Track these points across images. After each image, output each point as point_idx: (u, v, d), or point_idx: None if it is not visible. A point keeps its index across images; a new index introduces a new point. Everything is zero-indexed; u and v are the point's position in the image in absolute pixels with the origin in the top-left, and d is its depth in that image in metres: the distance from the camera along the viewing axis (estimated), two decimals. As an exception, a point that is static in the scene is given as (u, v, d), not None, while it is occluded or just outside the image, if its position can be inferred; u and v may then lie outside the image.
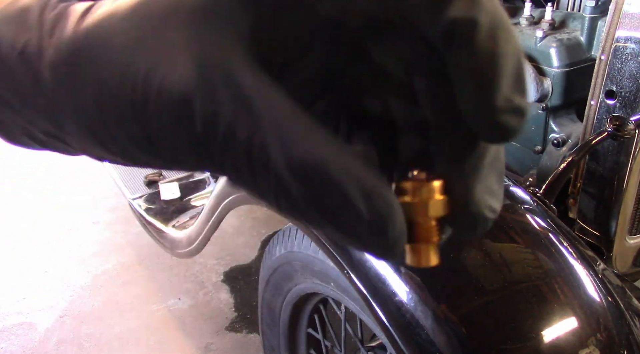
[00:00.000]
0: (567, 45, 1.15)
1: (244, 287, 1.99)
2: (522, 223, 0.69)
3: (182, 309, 1.90)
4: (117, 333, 1.82)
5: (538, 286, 0.62)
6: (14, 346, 1.79)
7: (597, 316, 0.62)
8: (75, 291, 2.01)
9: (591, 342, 0.60)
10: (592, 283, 0.64)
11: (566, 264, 0.65)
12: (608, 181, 1.04)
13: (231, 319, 1.84)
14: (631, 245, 1.12)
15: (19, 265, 2.17)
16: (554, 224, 0.70)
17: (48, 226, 2.40)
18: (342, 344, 1.10)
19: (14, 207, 2.56)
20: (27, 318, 1.90)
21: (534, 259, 0.65)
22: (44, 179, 2.75)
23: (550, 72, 1.17)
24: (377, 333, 0.98)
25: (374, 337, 1.12)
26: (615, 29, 0.95)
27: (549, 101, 1.19)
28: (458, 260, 0.64)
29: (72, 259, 2.18)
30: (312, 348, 1.24)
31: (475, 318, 0.61)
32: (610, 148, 1.02)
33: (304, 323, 1.19)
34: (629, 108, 0.97)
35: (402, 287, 0.64)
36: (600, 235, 1.10)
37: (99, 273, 2.09)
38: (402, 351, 0.65)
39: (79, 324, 1.86)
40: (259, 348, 1.66)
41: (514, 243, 0.66)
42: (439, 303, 0.62)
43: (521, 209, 0.71)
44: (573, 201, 1.12)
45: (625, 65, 0.95)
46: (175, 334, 1.80)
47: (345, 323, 1.06)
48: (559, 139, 1.17)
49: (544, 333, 0.59)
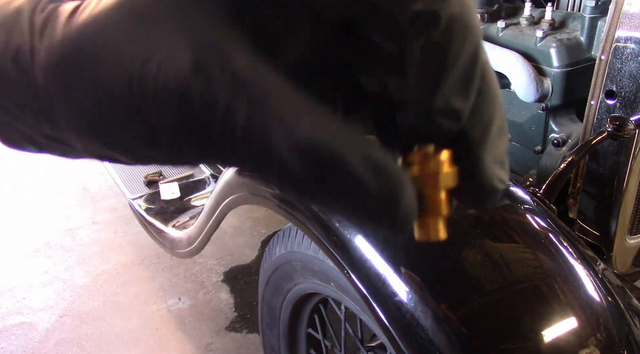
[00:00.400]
0: (567, 45, 1.15)
1: (244, 287, 1.99)
2: (522, 223, 0.69)
3: (182, 309, 1.90)
4: (117, 333, 1.82)
5: (538, 286, 0.62)
6: (14, 346, 1.79)
7: (597, 316, 0.62)
8: (75, 291, 2.01)
9: (591, 342, 0.60)
10: (592, 283, 0.64)
11: (566, 264, 0.65)
12: (608, 181, 1.04)
13: (231, 319, 1.84)
14: (631, 245, 1.12)
15: (19, 265, 2.17)
16: (554, 224, 0.70)
17: (48, 226, 2.40)
18: (342, 344, 1.10)
19: (14, 207, 2.56)
20: (27, 318, 1.90)
21: (534, 259, 0.65)
22: (44, 179, 2.75)
23: (550, 72, 1.17)
24: (377, 333, 0.98)
25: (374, 337, 1.12)
26: (615, 29, 0.95)
27: (549, 101, 1.19)
28: (458, 260, 0.64)
29: (72, 259, 2.18)
30: (312, 348, 1.24)
31: (475, 318, 0.61)
32: (610, 148, 1.02)
33: (304, 323, 1.19)
34: (629, 108, 0.97)
35: (402, 287, 0.64)
36: (600, 235, 1.10)
37: (99, 273, 2.09)
38: (402, 351, 0.65)
39: (79, 324, 1.86)
40: (259, 348, 1.66)
41: (514, 243, 0.66)
42: (439, 303, 0.62)
43: (521, 209, 0.71)
44: (573, 201, 1.12)
45: (625, 65, 0.96)
46: (175, 334, 1.80)
47: (345, 323, 1.06)
48: (559, 139, 1.17)
49: (544, 333, 0.59)
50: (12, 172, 2.83)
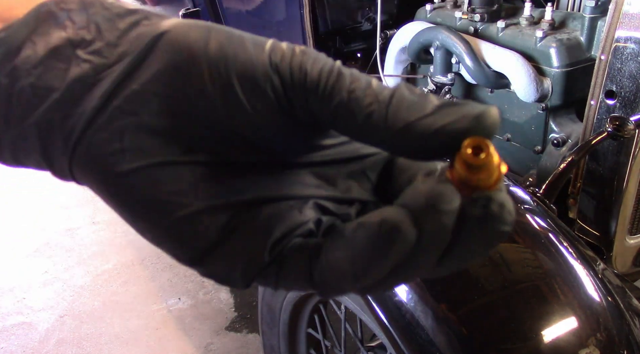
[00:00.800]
0: (567, 45, 1.15)
1: (244, 287, 1.99)
2: (522, 223, 0.69)
3: (182, 309, 1.90)
4: (117, 333, 1.82)
5: (538, 286, 0.62)
6: (14, 346, 1.79)
7: (597, 316, 0.62)
8: (75, 291, 2.01)
9: (591, 342, 0.60)
10: (592, 283, 0.64)
11: (566, 264, 0.65)
12: (608, 181, 1.04)
13: (231, 319, 1.84)
14: (631, 245, 1.12)
15: (19, 265, 2.17)
16: (554, 224, 0.70)
17: (48, 226, 2.40)
18: (342, 344, 1.10)
19: (14, 207, 2.56)
20: (27, 318, 1.91)
21: (533, 259, 0.65)
22: (44, 179, 2.75)
23: (550, 72, 1.17)
24: (377, 333, 0.98)
25: (374, 337, 1.12)
26: (615, 29, 0.95)
27: (549, 101, 1.19)
28: (458, 260, 0.64)
29: (72, 259, 2.19)
30: (312, 347, 1.24)
31: (475, 318, 0.61)
32: (610, 148, 1.02)
33: (304, 322, 1.19)
34: (629, 108, 0.97)
35: (402, 287, 0.64)
36: (600, 235, 1.10)
37: (99, 273, 2.09)
38: (402, 351, 0.65)
39: (79, 324, 1.86)
40: (259, 348, 1.66)
41: (514, 243, 0.66)
42: (439, 303, 0.62)
43: (521, 209, 0.71)
44: (573, 201, 1.12)
45: (625, 65, 0.96)
46: (175, 334, 1.80)
47: (345, 323, 1.06)
48: (559, 139, 1.17)
49: (544, 333, 0.59)
50: (12, 172, 2.83)
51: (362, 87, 0.24)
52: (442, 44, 1.28)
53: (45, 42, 0.25)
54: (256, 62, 0.24)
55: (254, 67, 0.24)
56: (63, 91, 0.25)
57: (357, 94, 0.23)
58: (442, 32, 1.27)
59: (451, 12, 1.36)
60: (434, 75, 1.36)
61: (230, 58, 0.24)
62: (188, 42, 0.25)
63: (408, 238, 0.22)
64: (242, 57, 0.24)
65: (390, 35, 1.50)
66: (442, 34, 1.27)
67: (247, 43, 0.25)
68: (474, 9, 1.29)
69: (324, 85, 0.24)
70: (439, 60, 1.32)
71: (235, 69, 0.24)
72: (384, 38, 1.52)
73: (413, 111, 0.23)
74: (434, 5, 1.42)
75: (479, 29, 1.30)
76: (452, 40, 1.24)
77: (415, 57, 1.41)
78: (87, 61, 0.25)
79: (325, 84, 0.24)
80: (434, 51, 1.32)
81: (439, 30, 1.29)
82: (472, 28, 1.30)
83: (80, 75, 0.25)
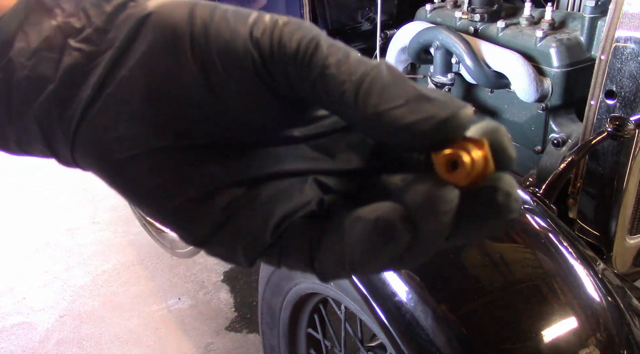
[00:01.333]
0: (567, 45, 1.15)
1: (244, 287, 1.99)
2: (522, 223, 0.69)
3: (182, 309, 1.90)
4: (117, 333, 1.82)
5: (538, 286, 0.62)
6: (14, 346, 1.79)
7: (597, 316, 0.62)
8: (75, 291, 2.01)
9: (591, 342, 0.60)
10: (592, 283, 0.64)
11: (566, 264, 0.65)
12: (608, 181, 1.04)
13: (231, 319, 1.84)
14: (631, 245, 1.12)
15: (19, 265, 2.17)
16: (554, 224, 0.70)
17: (48, 226, 2.40)
18: (342, 344, 1.10)
19: (14, 207, 2.56)
20: (27, 318, 1.90)
21: (534, 259, 0.65)
22: (44, 179, 2.75)
23: (550, 72, 1.17)
24: (377, 333, 0.98)
25: (374, 337, 1.12)
26: (615, 29, 0.95)
27: (549, 101, 1.19)
28: (458, 260, 0.64)
29: (72, 259, 2.18)
30: (312, 348, 1.24)
31: (475, 318, 0.61)
32: (610, 148, 1.02)
33: (304, 323, 1.19)
34: (629, 108, 0.97)
35: (402, 287, 0.64)
36: (600, 235, 1.10)
37: (99, 273, 2.09)
38: (402, 351, 0.65)
39: (79, 324, 1.86)
40: (259, 348, 1.66)
41: (514, 243, 0.66)
42: (439, 303, 0.62)
43: (521, 209, 0.71)
44: (573, 201, 1.12)
45: (625, 65, 0.96)
46: (175, 334, 1.80)
47: (345, 323, 1.06)
48: (559, 139, 1.17)
49: (544, 333, 0.59)
50: (12, 172, 2.83)
51: (336, 62, 0.22)
52: (442, 44, 1.28)
53: (37, 33, 0.25)
54: (237, 36, 0.24)
55: (234, 42, 0.24)
56: (57, 82, 0.25)
57: (331, 70, 0.22)
58: (442, 32, 1.27)
59: (451, 12, 1.36)
60: (434, 75, 1.35)
61: (212, 34, 0.24)
62: (173, 21, 0.24)
63: (402, 238, 0.22)
64: (223, 33, 0.24)
65: (390, 35, 1.50)
66: (442, 34, 1.27)
67: (229, 17, 0.24)
68: (474, 9, 1.29)
69: (302, 56, 0.23)
70: (439, 60, 1.32)
71: (217, 45, 0.24)
72: (384, 38, 1.52)
73: (384, 97, 0.22)
74: (434, 5, 1.42)
75: (479, 29, 1.30)
76: (452, 40, 1.24)
77: (415, 57, 1.41)
78: (78, 50, 0.25)
79: (303, 55, 0.23)
80: (434, 51, 1.32)
81: (439, 30, 1.29)
82: (472, 28, 1.30)
83: (73, 65, 0.25)
